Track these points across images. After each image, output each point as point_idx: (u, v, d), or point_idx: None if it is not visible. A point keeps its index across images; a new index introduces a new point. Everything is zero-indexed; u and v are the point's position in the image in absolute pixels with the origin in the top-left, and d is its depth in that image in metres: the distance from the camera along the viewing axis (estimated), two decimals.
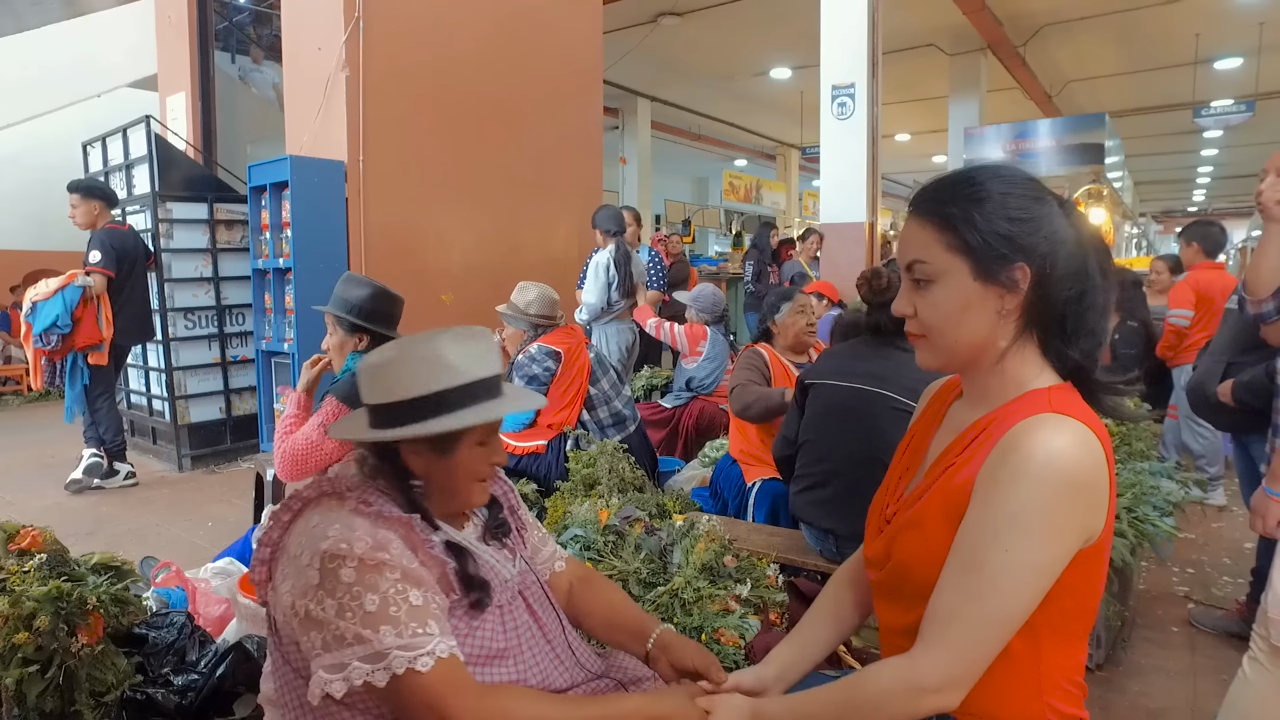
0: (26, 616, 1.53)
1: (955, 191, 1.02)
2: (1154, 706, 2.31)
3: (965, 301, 1.00)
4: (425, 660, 1.00)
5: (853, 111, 5.94)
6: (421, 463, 1.17)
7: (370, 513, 1.10)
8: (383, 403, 1.15)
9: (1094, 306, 1.00)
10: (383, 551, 1.04)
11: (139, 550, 3.00)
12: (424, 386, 1.12)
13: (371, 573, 1.02)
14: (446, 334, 1.17)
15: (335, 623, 1.01)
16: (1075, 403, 1.00)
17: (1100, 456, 0.95)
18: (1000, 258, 0.98)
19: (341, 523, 1.07)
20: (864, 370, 2.28)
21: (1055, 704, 1.02)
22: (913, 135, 15.88)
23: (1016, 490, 0.92)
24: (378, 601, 1.01)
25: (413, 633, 1.01)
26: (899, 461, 1.19)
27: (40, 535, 1.77)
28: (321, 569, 1.03)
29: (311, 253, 4.52)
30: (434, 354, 1.14)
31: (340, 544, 1.04)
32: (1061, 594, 0.96)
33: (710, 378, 4.26)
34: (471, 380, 1.14)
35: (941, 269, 1.01)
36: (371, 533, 1.06)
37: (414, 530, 1.13)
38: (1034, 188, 1.02)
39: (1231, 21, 9.64)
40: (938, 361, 1.07)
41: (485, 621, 1.16)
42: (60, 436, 5.58)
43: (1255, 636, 1.71)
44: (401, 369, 1.14)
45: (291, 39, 4.98)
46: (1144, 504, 2.52)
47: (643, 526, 2.27)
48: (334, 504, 1.12)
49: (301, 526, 1.11)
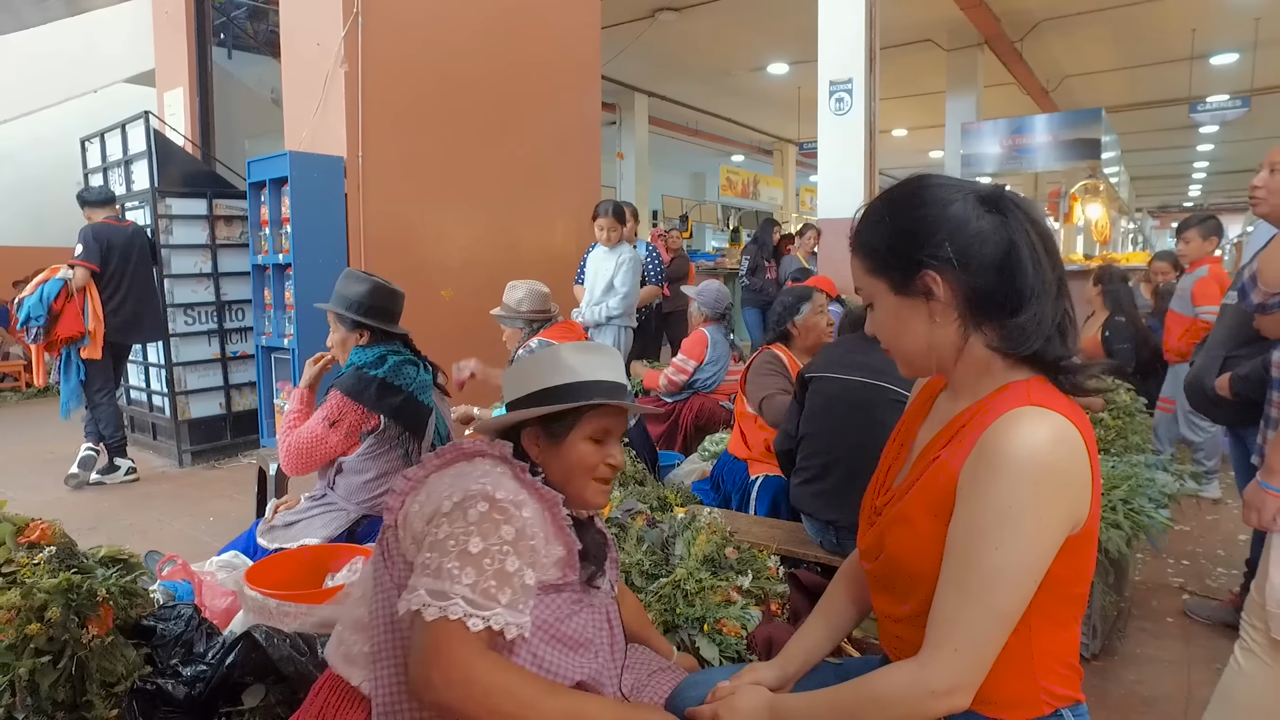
0: (38, 608, 1.54)
1: (868, 220, 1.10)
2: (1149, 695, 2.34)
3: (896, 316, 1.08)
4: (476, 622, 1.05)
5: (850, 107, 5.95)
6: (537, 450, 1.29)
7: (525, 480, 1.21)
8: (515, 398, 1.31)
9: (1027, 289, 0.99)
10: (514, 507, 1.12)
11: (142, 545, 3.01)
12: (544, 381, 1.28)
13: (491, 522, 1.10)
14: (571, 345, 1.34)
15: (436, 550, 1.09)
16: (1054, 393, 1.01)
17: (1079, 445, 0.97)
18: (904, 271, 1.04)
19: (492, 476, 1.17)
20: (862, 363, 2.31)
21: (1050, 687, 1.04)
22: (910, 131, 15.87)
23: (1000, 488, 0.94)
24: (480, 547, 1.08)
25: (485, 591, 1.07)
26: (888, 453, 1.21)
27: (49, 528, 1.79)
28: (459, 503, 1.12)
29: (311, 248, 4.53)
30: (556, 357, 1.30)
31: (486, 486, 1.13)
32: (1051, 582, 0.98)
33: (712, 379, 4.28)
34: (588, 380, 1.27)
35: (871, 293, 1.10)
36: (516, 490, 1.16)
37: (557, 507, 1.22)
38: (937, 194, 1.03)
39: (1227, 17, 9.66)
40: (906, 370, 1.14)
41: (585, 610, 1.24)
42: (59, 433, 5.59)
43: (1245, 626, 1.74)
44: (530, 369, 1.31)
45: (290, 35, 4.98)
46: (1139, 496, 2.55)
47: (645, 519, 2.30)
48: (489, 463, 1.22)
49: (452, 473, 1.20)
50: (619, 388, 1.31)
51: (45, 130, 8.59)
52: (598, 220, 4.72)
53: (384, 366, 2.38)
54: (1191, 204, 28.00)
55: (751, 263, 8.19)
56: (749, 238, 9.43)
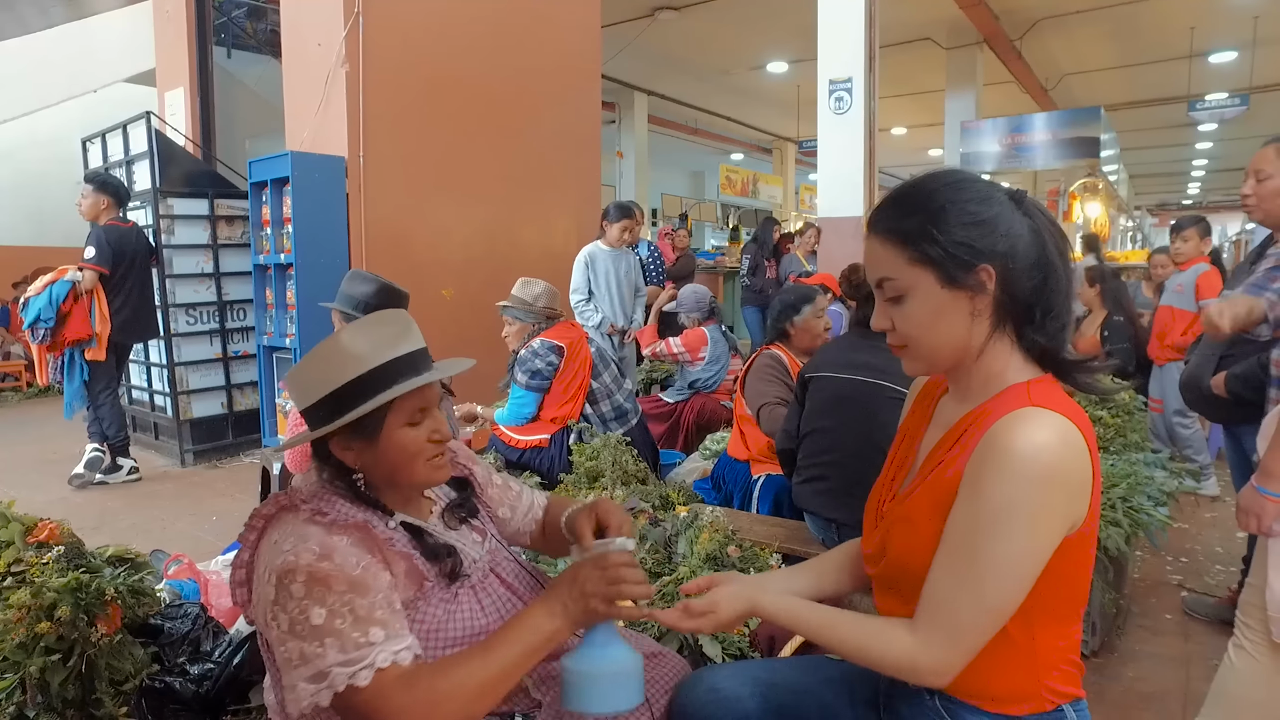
0: (48, 607, 1.56)
1: (910, 206, 1.05)
2: (1148, 691, 2.36)
3: (938, 310, 1.04)
4: (364, 674, 1.00)
5: (850, 105, 5.95)
6: (353, 455, 1.17)
7: (325, 521, 1.10)
8: (307, 406, 1.17)
9: (1058, 290, 1.04)
10: (327, 561, 1.04)
11: (145, 545, 3.01)
12: (333, 381, 1.13)
13: (319, 586, 1.03)
14: (349, 327, 1.19)
15: (288, 641, 1.02)
16: (1055, 394, 1.03)
17: (1081, 446, 0.98)
18: (963, 264, 1.01)
19: (295, 535, 1.08)
20: (861, 362, 2.32)
21: (1051, 683, 1.05)
22: (909, 129, 15.89)
23: (1001, 486, 0.96)
24: (324, 615, 1.01)
25: (355, 644, 1.01)
26: (893, 459, 1.22)
27: (58, 528, 1.81)
28: (277, 585, 1.04)
29: (312, 248, 4.54)
30: (337, 348, 1.15)
31: (290, 557, 1.04)
32: (1052, 580, 1.00)
33: (713, 379, 4.31)
34: (379, 364, 1.14)
35: (910, 283, 1.04)
36: (321, 541, 1.06)
37: (372, 531, 1.12)
38: (984, 189, 1.05)
39: (1226, 15, 9.68)
40: (922, 368, 1.11)
41: (462, 603, 1.18)
42: (61, 432, 5.60)
43: (1240, 624, 1.75)
44: (312, 371, 1.16)
45: (291, 35, 4.99)
46: (1138, 494, 2.56)
47: (647, 518, 2.31)
48: (290, 517, 1.12)
49: (266, 544, 1.12)
50: (417, 357, 1.18)
51: (45, 130, 8.59)
52: (620, 222, 4.66)
53: None
54: (1190, 202, 28.02)
55: (752, 262, 8.19)
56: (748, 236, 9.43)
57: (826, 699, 1.25)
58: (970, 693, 1.07)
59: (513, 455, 3.27)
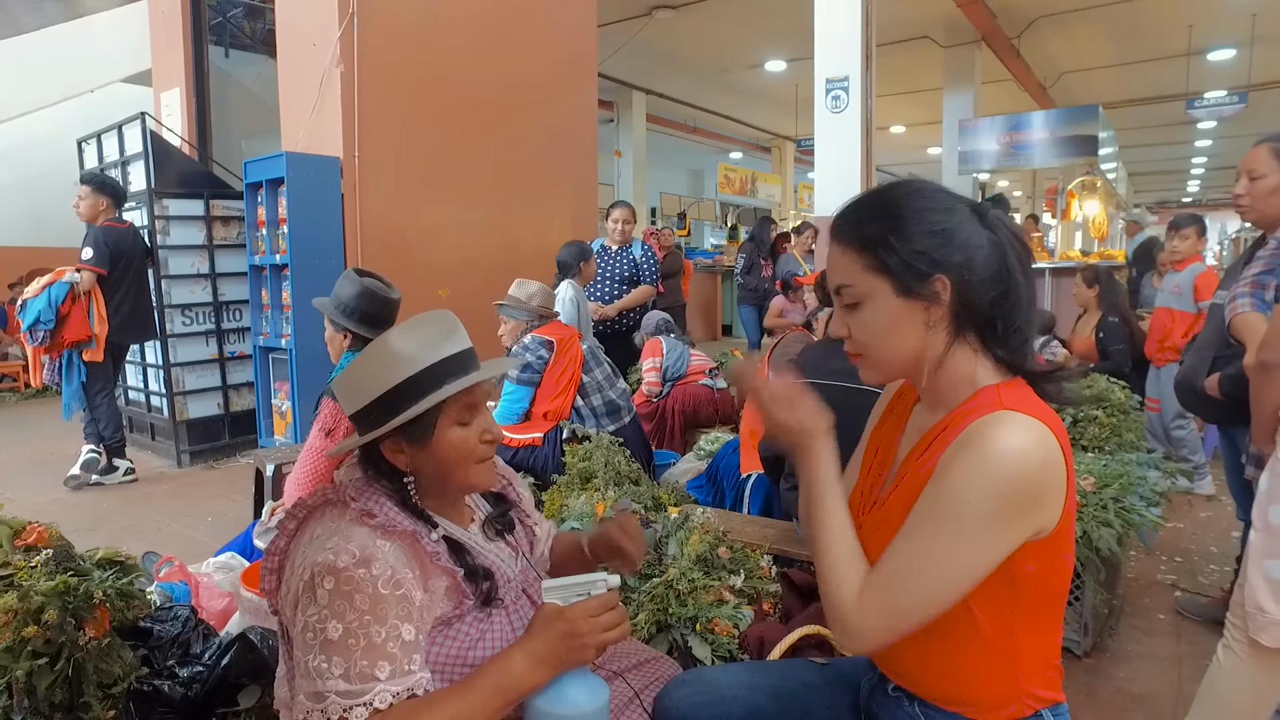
0: (35, 610, 1.56)
1: (870, 214, 1.06)
2: (1139, 692, 2.36)
3: (892, 318, 1.04)
4: (359, 712, 0.99)
5: (847, 104, 5.95)
6: (405, 458, 1.16)
7: (373, 524, 1.08)
8: (356, 410, 1.16)
9: (1018, 304, 1.04)
10: (363, 568, 1.02)
11: (140, 546, 3.02)
12: (383, 383, 1.12)
13: (342, 598, 1.01)
14: (397, 329, 1.18)
15: (302, 643, 1.02)
16: (1027, 397, 1.03)
17: (1056, 452, 0.98)
18: (919, 274, 1.02)
19: (341, 535, 1.06)
20: (839, 368, 2.31)
21: (1032, 689, 1.05)
22: (907, 128, 15.88)
23: (968, 483, 0.96)
24: (340, 631, 1.00)
25: (360, 674, 1.00)
26: (869, 467, 1.21)
27: (46, 531, 1.80)
28: (308, 582, 1.03)
29: (308, 248, 4.54)
30: (386, 350, 1.14)
31: (329, 556, 1.03)
32: (1025, 581, 1.00)
33: (679, 362, 4.48)
34: (429, 365, 1.13)
35: (866, 291, 1.05)
36: (363, 545, 1.04)
37: (419, 542, 1.11)
38: (945, 199, 1.05)
39: (1224, 13, 9.67)
40: (878, 376, 1.11)
41: (494, 624, 1.16)
42: (58, 433, 5.61)
43: (1230, 625, 1.75)
44: (360, 373, 1.15)
45: (286, 35, 4.99)
46: (1131, 494, 2.56)
47: (640, 519, 2.31)
48: (336, 513, 1.11)
49: (306, 537, 1.10)
50: (466, 357, 1.17)
51: (41, 130, 8.59)
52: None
53: None
54: (1190, 199, 28.00)
55: (747, 260, 8.19)
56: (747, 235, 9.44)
57: (809, 702, 1.26)
58: (950, 699, 1.07)
59: (506, 454, 3.27)
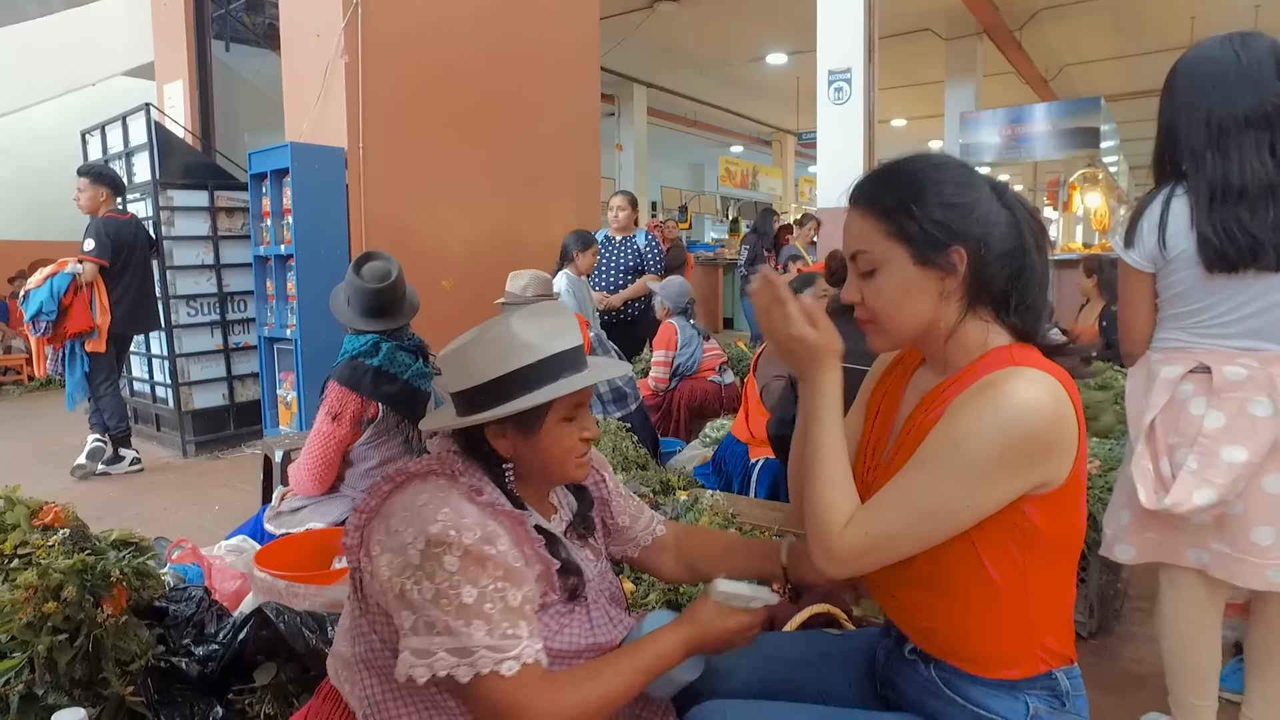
0: (54, 588, 1.58)
1: (891, 182, 1.08)
2: (1143, 672, 2.37)
3: (907, 286, 1.06)
4: (511, 664, 1.00)
5: (849, 97, 5.95)
6: (508, 444, 1.16)
7: (482, 502, 1.09)
8: (465, 388, 1.14)
9: (1032, 281, 1.06)
10: (490, 545, 1.04)
11: (148, 533, 3.00)
12: (500, 367, 1.11)
13: (475, 565, 1.02)
14: (520, 312, 1.17)
15: (429, 608, 1.01)
16: (1038, 358, 1.04)
17: (1068, 406, 1.00)
18: (937, 243, 1.03)
19: (451, 507, 1.06)
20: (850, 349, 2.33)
21: (1045, 641, 1.06)
22: (909, 120, 15.87)
23: (976, 428, 0.97)
24: (475, 595, 1.01)
25: (503, 633, 1.01)
26: (870, 431, 1.22)
27: (62, 511, 1.82)
28: (425, 551, 1.02)
29: (313, 239, 4.55)
30: (508, 333, 1.13)
31: (449, 530, 1.02)
32: (1036, 534, 1.01)
33: (691, 360, 4.41)
34: (548, 355, 1.13)
35: (882, 257, 1.06)
36: (481, 523, 1.05)
37: (523, 525, 1.12)
38: (966, 174, 1.07)
39: (1227, 5, 9.65)
40: (888, 343, 1.13)
41: (575, 619, 1.17)
42: (62, 425, 5.62)
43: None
44: (476, 353, 1.13)
45: (290, 26, 4.99)
46: None
47: (648, 502, 2.33)
48: (444, 484, 1.11)
49: (405, 500, 1.09)
50: (578, 353, 1.17)
51: (44, 123, 8.59)
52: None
53: (379, 355, 2.40)
54: None
55: (751, 253, 8.20)
56: (748, 228, 9.45)
57: (824, 672, 1.28)
58: (964, 657, 1.08)
59: None
